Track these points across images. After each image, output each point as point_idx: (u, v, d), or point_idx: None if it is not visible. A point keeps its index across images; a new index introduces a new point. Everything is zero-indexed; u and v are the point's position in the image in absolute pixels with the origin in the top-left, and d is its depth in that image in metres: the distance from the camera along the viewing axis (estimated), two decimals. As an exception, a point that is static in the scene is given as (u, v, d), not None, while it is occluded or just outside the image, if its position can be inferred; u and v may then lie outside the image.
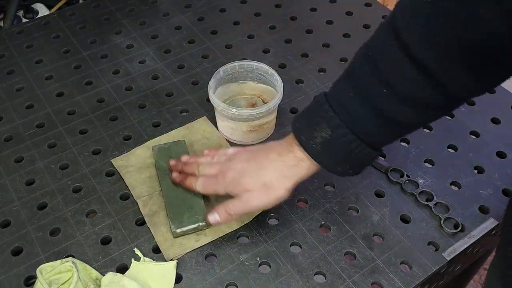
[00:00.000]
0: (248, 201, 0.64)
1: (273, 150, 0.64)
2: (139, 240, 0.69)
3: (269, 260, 0.67)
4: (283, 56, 0.96)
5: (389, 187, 0.75)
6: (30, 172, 0.78)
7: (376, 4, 1.07)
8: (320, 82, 0.90)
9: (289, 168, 0.62)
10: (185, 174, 0.72)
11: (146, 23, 1.03)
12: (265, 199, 0.63)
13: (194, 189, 0.70)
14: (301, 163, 0.62)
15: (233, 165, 0.66)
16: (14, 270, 0.66)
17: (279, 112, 0.82)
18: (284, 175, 0.63)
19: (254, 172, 0.64)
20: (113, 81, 0.92)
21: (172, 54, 0.96)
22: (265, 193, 0.63)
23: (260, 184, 0.63)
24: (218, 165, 0.69)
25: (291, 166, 0.62)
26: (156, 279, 0.65)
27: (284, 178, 0.63)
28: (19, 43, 0.99)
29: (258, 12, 1.05)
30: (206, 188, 0.69)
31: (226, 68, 0.82)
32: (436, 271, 0.66)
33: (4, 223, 0.72)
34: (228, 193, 0.65)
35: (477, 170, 0.78)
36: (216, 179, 0.67)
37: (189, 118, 0.85)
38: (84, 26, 1.03)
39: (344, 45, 0.97)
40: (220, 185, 0.66)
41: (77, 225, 0.71)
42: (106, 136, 0.82)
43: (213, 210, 0.66)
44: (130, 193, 0.74)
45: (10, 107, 0.87)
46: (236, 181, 0.65)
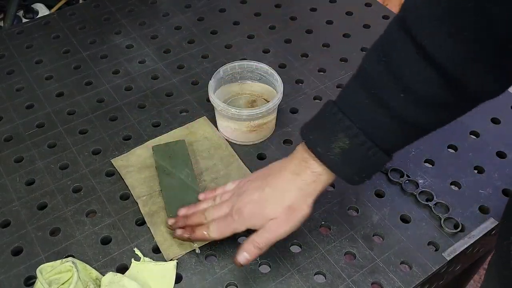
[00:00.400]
0: (275, 230, 0.60)
1: (287, 169, 0.61)
2: (139, 240, 0.69)
3: (269, 260, 0.67)
4: (283, 56, 0.96)
5: (389, 187, 0.75)
6: (30, 172, 0.78)
7: (376, 4, 1.07)
8: (320, 82, 0.90)
9: (309, 185, 0.60)
10: (192, 227, 0.66)
11: (146, 23, 1.03)
12: (292, 222, 0.60)
13: (208, 238, 0.64)
14: (320, 178, 0.59)
15: (246, 198, 0.62)
16: (14, 270, 0.66)
17: (279, 112, 0.82)
18: (305, 193, 0.60)
19: (274, 198, 0.60)
20: (113, 81, 0.92)
21: (172, 54, 0.97)
22: (291, 216, 0.60)
23: (284, 208, 0.60)
24: (227, 203, 0.64)
25: (311, 182, 0.59)
26: (156, 279, 0.65)
27: (306, 196, 0.60)
28: (19, 43, 0.99)
29: (258, 12, 1.05)
30: (223, 232, 0.63)
31: (226, 68, 0.82)
32: (436, 271, 0.66)
33: (4, 223, 0.72)
34: (251, 227, 0.61)
35: (477, 170, 0.78)
36: (231, 218, 0.62)
37: (189, 118, 0.85)
38: (84, 26, 1.03)
39: (344, 45, 0.97)
40: (238, 223, 0.61)
41: (77, 225, 0.71)
42: (106, 136, 0.82)
43: (241, 249, 0.61)
44: (130, 193, 0.74)
45: (10, 107, 0.87)
46: (257, 214, 0.61)
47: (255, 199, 0.61)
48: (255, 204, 0.61)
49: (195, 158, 0.78)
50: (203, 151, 0.80)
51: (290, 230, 0.61)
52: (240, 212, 0.61)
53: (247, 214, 0.61)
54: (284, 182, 0.60)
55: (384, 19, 1.03)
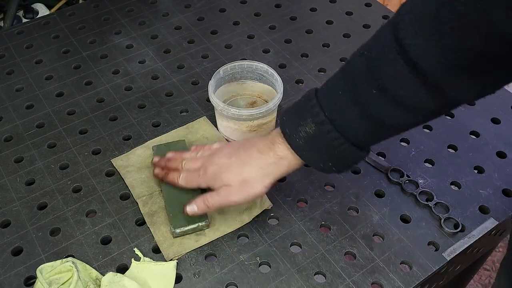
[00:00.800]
0: (226, 195, 0.65)
1: (255, 147, 0.64)
2: (139, 240, 0.69)
3: (269, 260, 0.67)
4: (283, 56, 0.96)
5: (389, 187, 0.75)
6: (30, 172, 0.78)
7: (376, 4, 1.07)
8: (320, 82, 0.90)
9: (269, 166, 0.63)
10: (168, 170, 0.72)
11: (145, 23, 1.03)
12: (243, 195, 0.64)
13: (176, 183, 0.70)
14: (281, 161, 0.62)
15: (216, 160, 0.67)
16: (14, 270, 0.66)
17: (278, 112, 0.82)
18: (264, 173, 0.63)
19: (235, 168, 0.65)
20: (112, 81, 0.92)
21: (171, 54, 0.97)
22: (244, 189, 0.64)
23: (240, 180, 0.64)
24: (201, 159, 0.69)
25: (271, 163, 0.63)
26: (156, 279, 0.65)
27: (264, 176, 0.63)
28: (19, 43, 0.99)
29: (258, 12, 1.05)
30: (189, 182, 0.69)
31: (226, 68, 0.82)
32: (436, 271, 0.66)
33: (4, 223, 0.72)
34: (209, 186, 0.67)
35: (477, 170, 0.78)
36: (198, 173, 0.68)
37: (189, 118, 0.85)
38: (84, 26, 1.03)
39: (344, 45, 0.97)
40: (201, 179, 0.67)
41: (77, 225, 0.71)
42: (106, 136, 0.82)
43: (192, 201, 0.67)
44: (130, 193, 0.74)
45: (10, 107, 0.87)
46: (216, 176, 0.65)
47: (220, 164, 0.66)
48: (218, 167, 0.66)
49: (195, 158, 0.78)
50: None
51: (239, 202, 0.65)
52: (205, 170, 0.67)
53: (209, 174, 0.66)
54: (248, 157, 0.64)
55: (384, 19, 1.03)
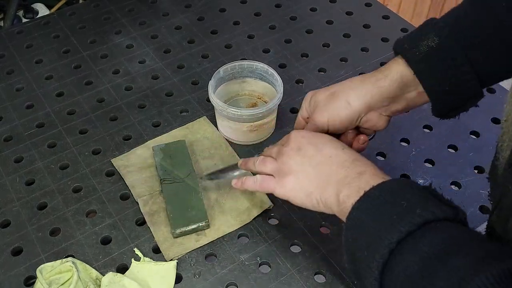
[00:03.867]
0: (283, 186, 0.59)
1: (335, 175, 0.56)
2: (139, 240, 0.69)
3: (269, 260, 0.67)
4: (283, 56, 0.96)
5: (389, 187, 0.75)
6: (30, 172, 0.78)
7: (376, 4, 1.07)
8: (320, 82, 0.90)
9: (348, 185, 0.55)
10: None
11: (146, 23, 1.03)
12: (303, 202, 0.59)
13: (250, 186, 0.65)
14: (362, 177, 0.54)
15: (293, 172, 0.59)
16: (14, 270, 0.66)
17: (279, 112, 0.82)
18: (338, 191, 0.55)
19: (311, 191, 0.57)
20: (113, 81, 0.92)
21: (172, 54, 0.96)
22: (305, 200, 0.58)
23: (305, 194, 0.58)
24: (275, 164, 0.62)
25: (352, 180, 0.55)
26: (156, 279, 0.65)
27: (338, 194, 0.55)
28: (19, 43, 0.99)
29: (258, 12, 1.05)
30: (263, 188, 0.63)
31: (226, 68, 0.82)
32: (436, 271, 0.66)
33: (4, 223, 0.72)
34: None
35: (477, 170, 0.78)
36: (273, 180, 0.61)
37: (189, 118, 0.85)
38: (84, 26, 1.03)
39: (344, 45, 0.97)
40: (277, 189, 0.61)
41: (77, 225, 0.71)
42: (106, 136, 0.82)
43: (247, 178, 0.64)
44: (130, 193, 0.74)
45: (10, 107, 0.87)
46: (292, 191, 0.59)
47: (299, 180, 0.58)
48: (296, 183, 0.59)
49: (195, 158, 0.78)
50: (203, 151, 0.80)
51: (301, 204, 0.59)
52: (281, 179, 0.60)
53: (287, 186, 0.59)
54: (330, 183, 0.56)
55: (384, 19, 1.03)
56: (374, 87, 0.61)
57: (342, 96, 0.62)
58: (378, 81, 0.61)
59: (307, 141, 0.60)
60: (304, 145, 0.60)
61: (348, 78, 0.65)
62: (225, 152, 0.80)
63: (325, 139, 0.60)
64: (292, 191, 0.59)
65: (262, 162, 0.62)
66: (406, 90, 0.61)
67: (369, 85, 0.61)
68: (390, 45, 0.96)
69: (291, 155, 0.60)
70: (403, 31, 0.99)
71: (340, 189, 0.54)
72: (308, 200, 0.58)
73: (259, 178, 0.62)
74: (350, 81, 0.64)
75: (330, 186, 0.55)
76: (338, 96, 0.62)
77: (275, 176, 0.61)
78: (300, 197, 0.58)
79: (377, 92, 0.61)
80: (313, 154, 0.58)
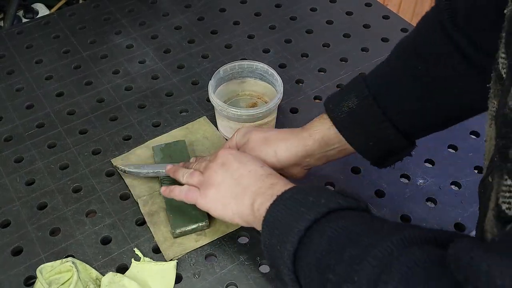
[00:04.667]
0: (205, 198, 0.63)
1: (249, 189, 0.59)
2: (139, 240, 0.69)
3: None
4: (283, 56, 0.96)
5: (389, 187, 0.75)
6: (30, 172, 0.78)
7: (376, 4, 1.07)
8: (320, 82, 0.90)
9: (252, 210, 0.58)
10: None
11: (146, 23, 1.03)
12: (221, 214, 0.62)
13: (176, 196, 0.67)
14: (275, 187, 0.57)
15: (216, 184, 0.62)
16: (14, 270, 0.66)
17: (279, 112, 0.82)
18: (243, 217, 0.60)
19: (227, 204, 0.61)
20: (113, 81, 0.92)
21: (172, 54, 0.96)
22: (222, 211, 0.62)
23: (222, 204, 0.61)
24: (200, 176, 0.65)
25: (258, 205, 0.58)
26: (156, 279, 0.65)
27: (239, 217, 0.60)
28: (19, 43, 0.99)
29: (258, 12, 1.05)
30: (188, 199, 0.66)
31: (226, 68, 0.82)
32: (436, 271, 0.66)
33: (4, 223, 0.72)
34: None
35: (477, 170, 0.77)
36: (197, 192, 0.65)
37: (189, 118, 0.85)
38: (84, 26, 1.03)
39: (344, 45, 0.97)
40: (200, 200, 0.64)
41: (77, 225, 0.71)
42: (106, 136, 0.82)
43: (174, 187, 0.67)
44: (130, 193, 0.74)
45: (10, 107, 0.87)
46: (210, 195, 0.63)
47: (221, 193, 0.62)
48: (216, 194, 0.62)
49: (195, 158, 0.78)
50: (203, 151, 0.80)
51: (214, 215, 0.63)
52: (205, 192, 0.63)
53: (205, 193, 0.63)
54: (246, 193, 0.59)
55: (384, 19, 1.03)
56: (300, 144, 0.66)
57: (272, 145, 0.66)
58: (303, 139, 0.66)
59: (233, 157, 0.64)
60: (229, 160, 0.63)
61: (283, 129, 0.70)
62: (225, 152, 0.80)
63: (249, 157, 0.64)
64: (211, 202, 0.62)
65: (190, 175, 0.66)
66: (327, 149, 0.66)
67: (296, 141, 0.66)
68: (390, 45, 0.96)
69: (216, 169, 0.63)
70: (403, 31, 0.99)
71: (255, 198, 0.58)
72: (224, 211, 0.61)
73: (184, 188, 0.66)
74: (284, 133, 0.68)
75: (246, 196, 0.59)
76: (269, 144, 0.67)
77: (200, 188, 0.64)
78: (218, 208, 0.62)
79: (302, 149, 0.66)
80: (236, 168, 0.62)
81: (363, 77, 0.64)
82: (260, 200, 0.57)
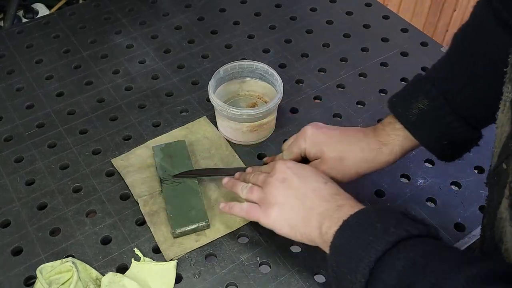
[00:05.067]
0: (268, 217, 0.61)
1: (315, 209, 0.58)
2: (139, 240, 0.69)
3: (269, 260, 0.67)
4: (283, 56, 0.96)
5: (389, 187, 0.75)
6: (30, 172, 0.78)
7: (376, 4, 1.07)
8: (320, 82, 0.90)
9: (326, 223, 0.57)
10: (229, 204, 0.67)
11: (146, 23, 1.03)
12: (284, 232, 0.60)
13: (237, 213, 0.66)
14: (342, 209, 0.56)
15: (278, 204, 0.61)
16: (14, 270, 0.66)
17: (279, 112, 0.82)
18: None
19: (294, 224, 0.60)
20: (113, 81, 0.92)
21: (172, 54, 0.96)
22: (289, 232, 0.60)
23: (289, 226, 0.60)
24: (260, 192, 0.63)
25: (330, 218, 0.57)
26: (156, 279, 0.65)
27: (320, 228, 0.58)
28: (19, 43, 0.99)
29: (258, 12, 1.05)
30: (250, 216, 0.64)
31: (226, 68, 0.82)
32: (436, 271, 0.66)
33: (4, 223, 0.72)
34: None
35: (477, 170, 0.78)
36: (259, 209, 0.63)
37: (189, 118, 0.85)
38: (84, 26, 1.03)
39: (344, 45, 0.97)
40: (262, 218, 0.62)
41: (77, 225, 0.71)
42: (106, 136, 0.82)
43: (234, 204, 0.65)
44: (130, 193, 0.74)
45: (10, 107, 0.87)
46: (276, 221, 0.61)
47: (284, 214, 0.60)
48: (279, 214, 0.61)
49: (195, 158, 0.78)
50: (203, 151, 0.80)
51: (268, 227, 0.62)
52: (266, 209, 0.62)
53: (270, 215, 0.62)
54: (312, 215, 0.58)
55: (384, 19, 1.03)
56: (382, 164, 0.65)
57: (352, 168, 0.66)
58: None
59: (292, 172, 0.62)
60: (289, 176, 0.61)
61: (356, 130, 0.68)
62: (225, 152, 0.80)
63: (310, 172, 0.62)
64: (276, 222, 0.61)
65: (250, 190, 0.64)
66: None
67: (379, 163, 0.65)
68: (390, 45, 0.97)
69: (276, 185, 0.62)
70: (403, 31, 0.99)
71: (322, 221, 0.56)
72: (292, 232, 0.60)
73: (245, 206, 0.64)
74: (362, 150, 0.65)
75: (313, 218, 0.57)
76: (348, 166, 0.66)
77: (261, 205, 0.62)
78: (284, 229, 0.60)
79: (380, 167, 0.65)
80: (298, 187, 0.61)
81: (426, 75, 0.63)
82: (327, 223, 0.55)
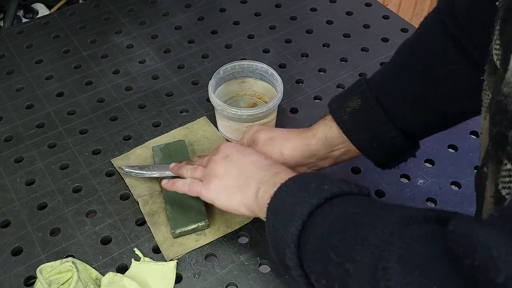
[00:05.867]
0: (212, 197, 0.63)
1: (256, 175, 0.60)
2: (139, 240, 0.69)
3: (269, 260, 0.67)
4: (283, 56, 0.96)
5: (389, 187, 0.75)
6: (30, 172, 0.78)
7: (376, 4, 1.07)
8: (320, 82, 0.90)
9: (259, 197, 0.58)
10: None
11: (146, 22, 1.03)
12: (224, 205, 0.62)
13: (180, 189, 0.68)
14: (278, 175, 0.58)
15: (218, 175, 0.63)
16: (14, 270, 0.66)
17: (279, 112, 0.82)
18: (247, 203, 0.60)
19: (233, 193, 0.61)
20: (113, 81, 0.92)
21: (172, 54, 0.96)
22: (227, 201, 0.62)
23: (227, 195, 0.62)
24: (203, 170, 0.66)
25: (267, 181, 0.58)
26: (156, 279, 0.65)
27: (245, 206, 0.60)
28: (19, 43, 0.99)
29: (258, 12, 1.05)
30: (192, 190, 0.66)
31: (226, 68, 0.82)
32: (436, 271, 0.66)
33: (4, 223, 0.72)
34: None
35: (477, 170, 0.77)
36: (201, 184, 0.65)
37: (189, 118, 0.85)
38: (84, 26, 1.03)
39: (344, 45, 0.97)
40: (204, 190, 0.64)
41: (77, 225, 0.71)
42: (106, 136, 0.82)
43: (177, 180, 0.67)
44: (130, 193, 0.74)
45: (10, 107, 0.87)
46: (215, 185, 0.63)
47: (222, 184, 0.62)
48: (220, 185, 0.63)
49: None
50: (203, 151, 0.80)
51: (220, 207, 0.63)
52: (208, 183, 0.64)
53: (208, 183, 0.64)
54: (247, 182, 0.60)
55: (384, 19, 1.03)
56: (304, 144, 0.66)
57: (278, 144, 0.67)
58: (307, 139, 0.67)
59: (235, 150, 0.64)
60: (231, 152, 0.64)
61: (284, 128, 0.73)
62: (225, 152, 0.80)
63: (251, 150, 0.65)
64: (215, 192, 0.62)
65: (193, 169, 0.67)
66: (331, 149, 0.66)
67: (300, 141, 0.66)
68: (390, 45, 0.96)
69: (218, 161, 0.64)
70: (403, 31, 0.99)
71: (259, 186, 0.58)
72: (229, 201, 0.61)
73: (188, 181, 0.66)
74: (289, 132, 0.69)
75: (250, 185, 0.59)
76: (275, 143, 0.67)
77: (203, 181, 0.64)
78: (222, 198, 0.62)
79: (306, 149, 0.66)
80: (238, 158, 0.63)
81: (366, 78, 0.65)
82: (264, 188, 0.57)
